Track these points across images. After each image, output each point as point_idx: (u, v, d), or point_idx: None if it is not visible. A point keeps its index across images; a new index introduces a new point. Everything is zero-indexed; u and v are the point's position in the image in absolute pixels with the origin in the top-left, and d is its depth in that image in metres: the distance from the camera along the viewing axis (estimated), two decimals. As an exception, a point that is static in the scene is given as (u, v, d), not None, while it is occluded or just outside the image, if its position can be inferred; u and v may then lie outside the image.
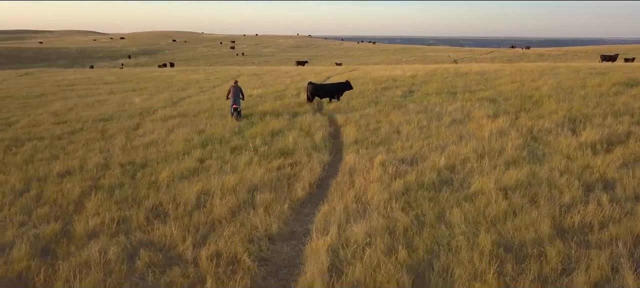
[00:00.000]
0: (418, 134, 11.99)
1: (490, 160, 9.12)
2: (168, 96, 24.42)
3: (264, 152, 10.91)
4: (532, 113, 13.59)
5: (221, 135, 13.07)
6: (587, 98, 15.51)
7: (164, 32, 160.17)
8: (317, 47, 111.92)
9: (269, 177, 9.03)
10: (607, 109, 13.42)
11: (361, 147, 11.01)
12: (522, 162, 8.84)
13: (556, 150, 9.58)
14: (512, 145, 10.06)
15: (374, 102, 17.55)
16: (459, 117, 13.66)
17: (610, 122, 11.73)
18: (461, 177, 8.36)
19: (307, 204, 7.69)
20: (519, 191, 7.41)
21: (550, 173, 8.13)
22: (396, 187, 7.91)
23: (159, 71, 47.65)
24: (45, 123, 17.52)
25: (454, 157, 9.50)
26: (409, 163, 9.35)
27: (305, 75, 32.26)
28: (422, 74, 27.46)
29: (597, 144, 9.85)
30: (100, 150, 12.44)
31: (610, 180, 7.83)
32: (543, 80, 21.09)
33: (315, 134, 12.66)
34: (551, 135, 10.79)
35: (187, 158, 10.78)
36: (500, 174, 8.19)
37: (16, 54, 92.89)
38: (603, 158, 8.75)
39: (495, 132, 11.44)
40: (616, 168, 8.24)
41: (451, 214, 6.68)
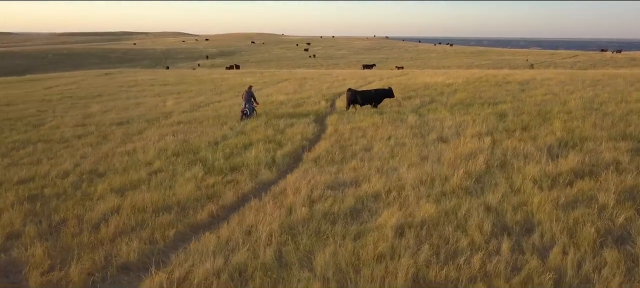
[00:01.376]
0: (386, 153, 11.23)
1: (425, 189, 8.27)
2: (200, 100, 25.04)
3: (217, 166, 10.73)
4: (530, 133, 12.28)
5: (197, 145, 13.07)
6: (609, 116, 13.79)
7: (245, 34, 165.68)
8: (390, 49, 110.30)
9: (195, 194, 8.82)
10: (618, 131, 11.81)
11: (316, 165, 10.50)
12: (454, 195, 7.93)
13: (510, 181, 8.49)
14: (466, 172, 9.07)
15: (379, 112, 16.80)
16: (448, 135, 12.65)
17: (604, 148, 10.28)
18: (377, 207, 7.65)
19: (200, 229, 7.37)
20: (418, 230, 6.62)
21: (473, 210, 7.19)
22: (299, 215, 7.38)
23: (219, 73, 49.22)
24: (67, 125, 18.54)
25: (392, 183, 8.72)
26: (342, 188, 8.72)
27: (348, 81, 31.78)
28: (461, 81, 26.05)
29: (563, 174, 8.63)
30: (82, 156, 12.88)
31: (536, 222, 6.77)
32: (582, 93, 19.17)
33: (285, 146, 12.30)
34: (523, 161, 9.62)
35: (142, 170, 10.84)
36: (415, 208, 7.38)
37: (108, 54, 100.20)
38: (548, 194, 7.61)
39: (466, 154, 10.42)
40: (553, 207, 7.11)
41: (321, 254, 6.06)
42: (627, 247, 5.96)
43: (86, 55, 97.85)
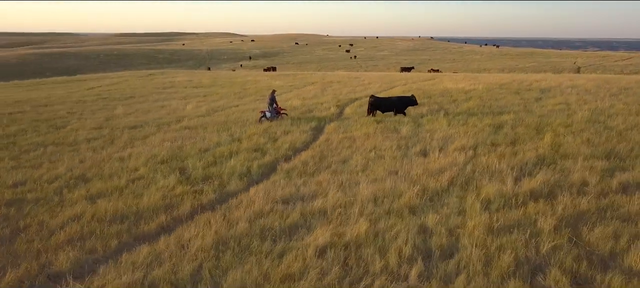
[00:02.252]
0: (360, 166, 11.26)
1: (372, 207, 8.30)
2: (220, 103, 25.65)
3: (193, 175, 11.10)
4: (515, 148, 11.99)
5: (188, 153, 13.51)
6: (608, 131, 13.26)
7: (289, 35, 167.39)
8: (433, 51, 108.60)
9: (156, 204, 9.19)
10: (606, 149, 11.35)
11: (286, 177, 10.67)
12: (396, 214, 7.91)
13: (462, 201, 8.38)
14: (424, 189, 9.01)
15: (377, 121, 16.76)
16: (431, 148, 12.52)
17: (579, 167, 9.92)
18: (317, 224, 7.74)
19: (143, 240, 7.69)
20: (340, 250, 6.69)
21: (405, 231, 7.18)
22: (237, 230, 7.60)
23: (254, 75, 50.00)
24: (85, 128, 19.47)
25: (346, 199, 8.79)
26: (296, 202, 8.86)
27: (372, 85, 31.74)
28: (482, 88, 25.48)
29: (520, 195, 8.43)
30: (81, 160, 13.59)
31: (461, 246, 6.69)
32: (598, 103, 18.44)
33: (268, 156, 12.55)
34: (488, 180, 9.44)
35: (124, 177, 11.34)
36: (349, 227, 7.43)
37: (156, 55, 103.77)
38: (489, 217, 7.48)
39: (436, 170, 10.32)
40: (485, 232, 6.99)
41: (234, 273, 6.24)
42: (538, 278, 5.81)
43: (135, 55, 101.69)
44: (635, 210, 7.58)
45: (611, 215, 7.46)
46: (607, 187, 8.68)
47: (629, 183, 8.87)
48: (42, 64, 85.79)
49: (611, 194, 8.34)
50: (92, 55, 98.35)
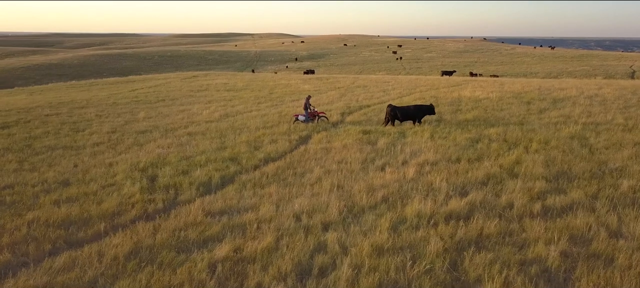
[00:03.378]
0: (314, 179, 11.68)
1: (289, 223, 8.73)
2: (236, 109, 26.57)
3: (158, 183, 11.90)
4: (474, 164, 11.99)
5: (170, 160, 14.36)
6: (583, 149, 12.94)
7: (339, 36, 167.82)
8: (483, 52, 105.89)
9: (112, 211, 10.02)
10: (563, 170, 11.18)
11: (238, 189, 11.25)
12: (306, 230, 8.31)
13: (379, 220, 8.66)
14: (351, 205, 9.36)
15: (366, 132, 17.02)
16: (396, 162, 12.74)
17: (519, 187, 9.90)
18: (225, 237, 8.28)
19: (65, 249, 8.38)
20: (228, 265, 7.20)
21: (300, 249, 7.59)
22: (146, 243, 8.22)
23: (289, 78, 50.87)
24: (101, 132, 20.86)
25: (272, 214, 9.27)
26: (225, 216, 9.42)
27: (394, 91, 31.83)
28: (496, 96, 25.07)
29: (438, 215, 8.61)
30: (75, 164, 14.77)
31: (337, 266, 7.03)
32: (600, 116, 17.82)
33: (234, 167, 13.17)
34: (423, 198, 9.63)
35: (100, 182, 12.31)
36: (250, 242, 7.91)
37: (206, 56, 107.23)
38: (387, 237, 7.74)
39: (378, 186, 10.59)
40: (371, 252, 7.28)
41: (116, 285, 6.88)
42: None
43: (187, 57, 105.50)
44: (533, 237, 7.61)
45: (508, 241, 7.53)
46: (527, 210, 8.68)
47: (554, 208, 8.82)
48: (101, 65, 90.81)
49: (525, 218, 8.35)
50: (147, 57, 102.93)
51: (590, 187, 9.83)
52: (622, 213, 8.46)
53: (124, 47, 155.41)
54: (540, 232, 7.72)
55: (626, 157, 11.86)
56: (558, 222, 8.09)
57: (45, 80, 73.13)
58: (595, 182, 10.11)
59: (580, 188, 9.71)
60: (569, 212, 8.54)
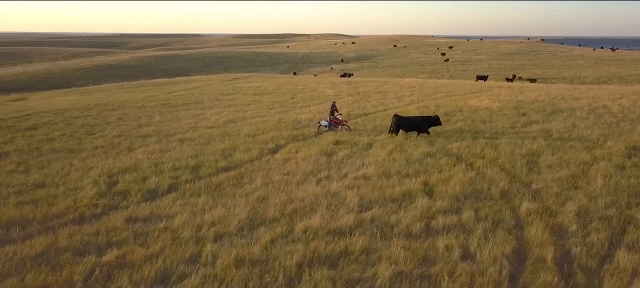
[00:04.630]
0: (249, 190, 12.51)
1: (188, 232, 9.64)
2: (244, 114, 27.74)
3: (116, 189, 13.15)
4: (405, 179, 12.39)
5: (141, 166, 15.63)
6: (528, 165, 13.01)
7: (390, 36, 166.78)
8: (536, 55, 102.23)
9: (54, 213, 11.33)
10: (478, 188, 11.41)
11: (179, 197, 12.29)
12: (195, 242, 9.19)
13: (265, 234, 9.41)
14: (254, 218, 10.14)
15: (337, 142, 17.60)
16: (336, 175, 13.37)
17: (425, 205, 10.31)
18: (123, 244, 9.29)
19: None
20: (101, 269, 8.20)
21: (172, 257, 8.48)
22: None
23: (318, 81, 51.68)
24: (109, 136, 22.64)
25: (181, 223, 10.21)
26: (150, 222, 10.47)
27: (406, 98, 32.03)
28: (497, 106, 24.85)
29: (324, 230, 9.25)
30: (62, 167, 16.36)
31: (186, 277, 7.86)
32: (581, 131, 17.51)
33: (185, 175, 14.22)
34: (325, 211, 10.25)
35: (66, 186, 13.73)
36: (139, 249, 8.88)
37: (255, 58, 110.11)
38: (258, 250, 8.49)
39: (300, 198, 11.30)
40: (232, 263, 8.07)
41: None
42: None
43: (237, 58, 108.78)
44: (386, 255, 8.08)
45: (361, 259, 8.07)
46: (406, 230, 9.12)
47: (435, 228, 9.20)
48: (155, 66, 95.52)
49: (383, 237, 8.83)
50: (200, 58, 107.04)
51: (489, 208, 10.07)
52: (492, 235, 8.73)
53: (181, 48, 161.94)
54: (397, 251, 8.19)
55: (556, 179, 11.85)
56: (421, 243, 8.51)
57: (102, 80, 78.00)
58: (498, 204, 10.32)
59: (473, 209, 9.97)
60: (443, 233, 8.91)
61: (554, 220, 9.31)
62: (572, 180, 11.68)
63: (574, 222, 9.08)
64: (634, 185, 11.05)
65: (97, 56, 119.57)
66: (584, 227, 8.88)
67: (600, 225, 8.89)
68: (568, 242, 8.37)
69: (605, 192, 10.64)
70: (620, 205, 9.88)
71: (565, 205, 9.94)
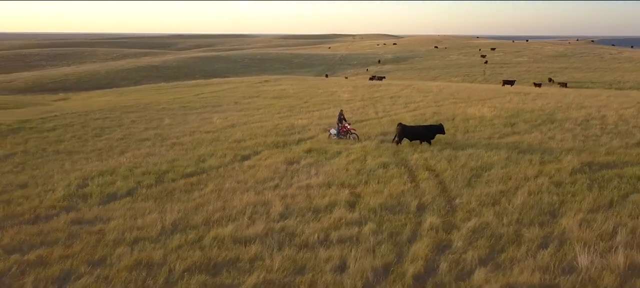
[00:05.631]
0: (196, 196, 13.41)
1: (113, 236, 10.62)
2: (252, 119, 28.72)
3: (81, 192, 14.37)
4: (343, 190, 12.92)
5: (119, 170, 16.84)
6: (433, 180, 13.26)
7: (432, 37, 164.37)
8: (580, 56, 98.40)
9: (12, 213, 12.62)
10: (412, 203, 11.82)
11: (130, 201, 13.35)
12: (104, 246, 10.14)
13: (173, 240, 10.25)
14: (175, 224, 11.01)
15: (310, 150, 18.21)
16: (284, 184, 14.05)
17: (340, 216, 10.85)
18: (37, 245, 10.37)
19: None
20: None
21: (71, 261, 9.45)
22: None
23: (339, 85, 52.06)
24: (113, 139, 24.23)
25: (114, 227, 11.22)
26: (81, 224, 11.55)
27: (413, 104, 32.18)
28: (491, 115, 24.68)
29: (203, 239, 9.99)
30: (49, 170, 17.83)
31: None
32: (560, 143, 17.38)
33: (130, 181, 15.24)
34: (239, 223, 10.96)
35: (43, 188, 15.09)
36: (55, 249, 9.92)
37: (292, 60, 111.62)
38: (161, 256, 9.34)
39: (232, 206, 12.08)
40: (129, 267, 8.94)
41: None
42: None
43: (274, 60, 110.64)
44: (248, 257, 8.76)
45: (227, 267, 8.79)
46: (287, 240, 9.76)
47: (330, 239, 9.77)
48: (195, 67, 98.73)
49: (269, 248, 9.48)
50: (239, 59, 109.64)
51: (394, 222, 10.47)
52: (378, 248, 9.20)
53: (225, 49, 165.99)
54: (279, 261, 8.82)
55: (483, 194, 12.02)
56: (307, 253, 9.10)
57: (144, 81, 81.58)
58: (407, 218, 10.72)
59: (378, 223, 10.42)
60: (335, 244, 9.46)
61: (447, 236, 9.64)
62: (497, 196, 11.85)
63: (462, 239, 9.38)
64: (552, 203, 11.13)
65: (143, 57, 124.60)
66: (469, 244, 9.18)
67: (484, 243, 9.15)
68: (442, 257, 8.72)
69: (518, 210, 10.80)
70: (520, 224, 10.07)
71: (468, 222, 10.22)
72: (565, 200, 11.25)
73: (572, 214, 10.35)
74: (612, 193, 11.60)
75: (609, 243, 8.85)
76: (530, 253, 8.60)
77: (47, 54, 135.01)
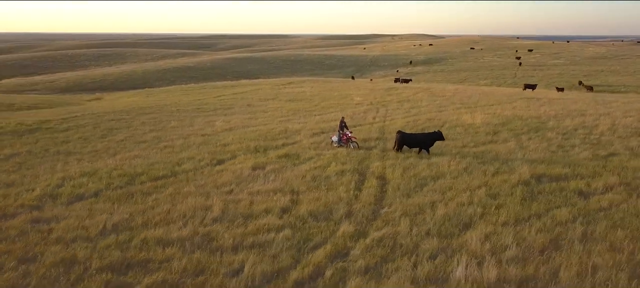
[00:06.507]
0: (151, 199, 14.32)
1: (65, 233, 11.63)
2: (251, 122, 29.68)
3: (50, 192, 15.51)
4: (283, 197, 13.52)
5: (99, 172, 17.98)
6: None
7: (470, 38, 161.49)
8: (621, 59, 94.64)
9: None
10: (335, 212, 12.32)
11: (95, 202, 14.39)
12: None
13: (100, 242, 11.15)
14: (104, 226, 11.93)
15: (285, 155, 18.85)
16: (236, 190, 14.79)
17: (264, 224, 11.49)
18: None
19: None
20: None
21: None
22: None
23: (358, 87, 52.30)
24: (114, 140, 25.61)
25: (64, 227, 12.25)
26: (38, 223, 12.64)
27: (415, 110, 32.35)
28: (482, 121, 24.60)
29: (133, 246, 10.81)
30: (44, 170, 19.20)
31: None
32: (533, 154, 17.38)
33: (88, 186, 16.29)
34: (156, 229, 11.69)
35: (19, 188, 16.36)
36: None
37: (323, 61, 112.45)
38: (81, 255, 10.25)
39: (170, 210, 12.91)
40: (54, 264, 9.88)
41: None
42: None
43: (306, 61, 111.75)
44: (158, 259, 9.49)
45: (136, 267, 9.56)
46: (206, 246, 10.43)
47: (240, 243, 10.42)
48: (228, 68, 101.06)
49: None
50: (271, 60, 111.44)
51: (313, 229, 10.99)
52: (280, 254, 9.78)
53: (261, 50, 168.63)
54: (181, 262, 9.55)
55: (415, 204, 12.35)
56: (210, 256, 9.79)
57: (177, 81, 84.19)
58: (327, 225, 11.22)
59: (296, 229, 10.97)
60: (242, 250, 10.10)
61: (351, 244, 10.11)
62: (426, 206, 12.13)
63: (362, 248, 9.83)
64: (472, 215, 11.35)
65: (181, 58, 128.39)
66: (365, 253, 9.62)
67: (379, 252, 9.56)
68: (332, 265, 9.20)
69: (434, 221, 11.08)
70: (428, 235, 10.39)
71: (379, 231, 10.63)
72: (486, 213, 11.46)
73: (484, 227, 10.59)
74: (539, 207, 11.71)
75: (496, 256, 9.09)
76: (415, 265, 8.96)
77: (92, 55, 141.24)
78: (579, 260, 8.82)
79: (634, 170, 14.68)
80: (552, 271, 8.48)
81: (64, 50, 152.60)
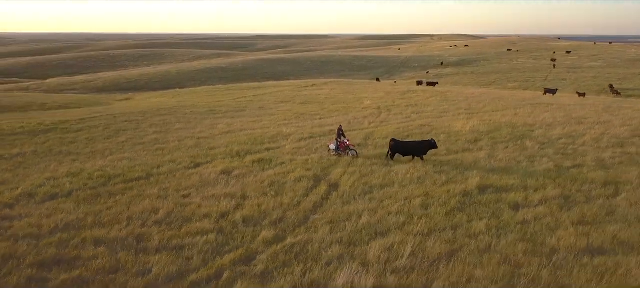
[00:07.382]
0: (110, 202, 15.36)
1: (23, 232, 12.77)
2: (252, 126, 30.54)
3: (30, 190, 16.80)
4: (233, 202, 14.25)
5: (87, 171, 19.24)
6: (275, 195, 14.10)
7: (508, 39, 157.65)
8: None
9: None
10: (272, 215, 12.94)
11: (69, 202, 15.54)
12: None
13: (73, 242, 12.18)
14: (64, 223, 12.97)
15: (259, 160, 19.58)
16: (198, 194, 15.65)
17: (202, 227, 12.25)
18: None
19: None
20: None
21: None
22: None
23: (375, 90, 52.43)
24: (114, 142, 26.98)
25: (25, 223, 13.40)
26: (9, 221, 13.85)
27: (414, 116, 32.43)
28: (469, 129, 24.61)
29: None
30: (38, 170, 20.68)
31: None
32: (510, 162, 17.49)
33: (95, 181, 17.45)
34: (101, 228, 12.70)
35: (4, 187, 17.75)
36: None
37: (353, 62, 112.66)
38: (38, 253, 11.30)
39: (120, 212, 13.87)
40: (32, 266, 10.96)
41: None
42: None
43: (336, 63, 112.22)
44: (88, 256, 10.37)
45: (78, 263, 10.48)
46: (133, 246, 11.26)
47: (173, 246, 11.21)
48: (258, 69, 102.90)
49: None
50: (301, 62, 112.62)
51: (238, 234, 11.69)
52: (203, 256, 10.52)
53: (296, 50, 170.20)
54: (104, 261, 10.43)
55: (349, 211, 12.79)
56: (132, 256, 10.64)
57: (208, 82, 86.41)
58: (254, 230, 11.87)
59: (224, 234, 11.68)
60: (160, 251, 10.90)
61: (262, 248, 10.73)
62: (354, 215, 12.58)
63: (269, 253, 10.42)
64: (393, 225, 11.72)
65: (215, 58, 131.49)
66: (268, 259, 10.21)
67: (282, 258, 10.13)
68: (234, 268, 9.85)
69: (354, 229, 11.53)
70: (339, 243, 10.86)
71: (296, 237, 11.20)
72: (407, 223, 11.82)
73: (395, 236, 10.98)
74: (462, 218, 11.98)
75: (385, 265, 9.51)
76: (306, 271, 9.50)
77: (133, 55, 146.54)
78: (462, 271, 9.13)
79: (585, 182, 14.61)
80: (427, 281, 8.84)
81: (107, 51, 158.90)
